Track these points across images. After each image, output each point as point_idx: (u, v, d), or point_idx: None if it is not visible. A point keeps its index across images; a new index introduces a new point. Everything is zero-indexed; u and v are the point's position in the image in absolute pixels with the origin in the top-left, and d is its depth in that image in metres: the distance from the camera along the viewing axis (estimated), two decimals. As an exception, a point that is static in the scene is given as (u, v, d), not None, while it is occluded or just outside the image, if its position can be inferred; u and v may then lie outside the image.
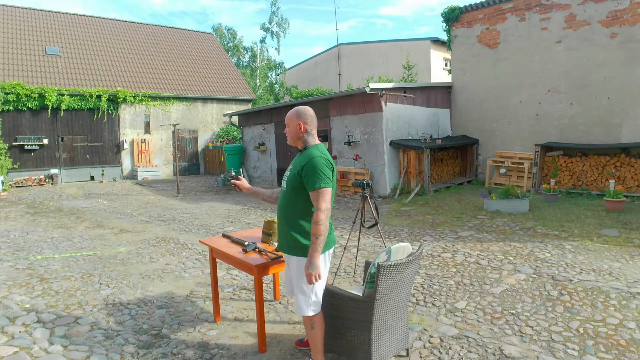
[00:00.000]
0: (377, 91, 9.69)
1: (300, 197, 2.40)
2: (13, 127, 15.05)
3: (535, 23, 10.51)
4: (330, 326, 2.64)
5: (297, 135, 2.48)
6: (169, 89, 18.65)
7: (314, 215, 2.28)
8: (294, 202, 2.43)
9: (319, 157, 2.35)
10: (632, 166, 8.70)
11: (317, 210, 2.27)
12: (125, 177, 17.39)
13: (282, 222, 2.50)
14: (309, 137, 2.51)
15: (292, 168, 2.47)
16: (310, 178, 2.30)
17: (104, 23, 20.67)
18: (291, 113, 2.50)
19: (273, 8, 31.62)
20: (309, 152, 2.42)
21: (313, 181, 2.29)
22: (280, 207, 2.53)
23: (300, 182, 2.36)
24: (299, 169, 2.37)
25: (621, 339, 2.97)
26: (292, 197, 2.42)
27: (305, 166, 2.33)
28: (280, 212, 2.52)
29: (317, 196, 2.29)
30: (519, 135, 11.01)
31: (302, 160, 2.39)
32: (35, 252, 5.88)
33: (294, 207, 2.43)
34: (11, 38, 16.87)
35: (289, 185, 2.45)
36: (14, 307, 3.82)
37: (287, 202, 2.46)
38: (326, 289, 2.58)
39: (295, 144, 2.54)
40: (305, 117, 2.49)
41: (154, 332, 3.30)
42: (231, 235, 3.36)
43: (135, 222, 8.04)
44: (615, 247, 5.21)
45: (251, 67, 31.78)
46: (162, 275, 4.72)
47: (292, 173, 2.44)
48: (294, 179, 2.40)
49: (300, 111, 2.50)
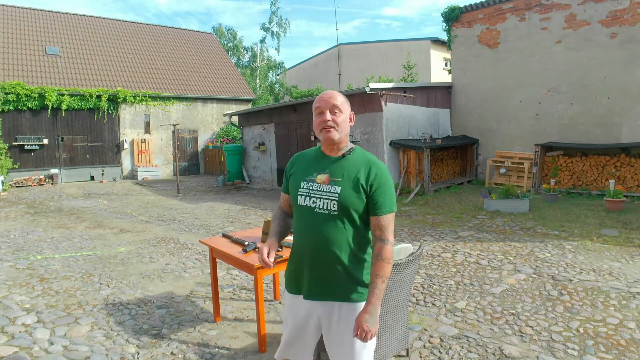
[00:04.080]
0: (377, 91, 9.69)
1: (359, 222, 1.71)
2: (13, 127, 15.05)
3: (535, 23, 10.51)
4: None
5: (347, 129, 1.78)
6: (169, 89, 18.65)
7: (381, 250, 1.66)
8: (350, 230, 1.69)
9: (384, 166, 1.74)
10: (632, 166, 8.70)
11: (386, 243, 1.67)
12: (125, 177, 17.39)
13: (327, 258, 1.70)
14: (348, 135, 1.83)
15: (344, 180, 1.70)
16: (383, 196, 1.68)
17: (104, 23, 20.67)
18: (341, 96, 1.77)
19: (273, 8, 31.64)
20: (366, 157, 1.76)
21: (387, 202, 1.68)
22: (320, 237, 1.70)
23: (363, 200, 1.68)
24: (364, 181, 1.68)
25: (621, 339, 2.97)
26: (349, 222, 1.69)
27: (377, 178, 1.68)
28: (324, 244, 1.69)
29: (388, 223, 1.69)
30: (519, 135, 11.01)
31: (361, 168, 1.71)
32: (35, 252, 5.88)
33: (352, 237, 1.70)
34: (11, 38, 16.87)
35: (344, 206, 1.67)
36: (14, 307, 3.82)
37: (338, 231, 1.68)
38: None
39: (336, 143, 1.75)
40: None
41: (154, 332, 3.30)
42: (231, 235, 3.36)
43: (135, 222, 8.04)
44: (615, 247, 5.21)
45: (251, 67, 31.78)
46: (162, 275, 4.72)
47: (349, 187, 1.68)
48: (355, 197, 1.67)
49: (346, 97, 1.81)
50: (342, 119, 1.73)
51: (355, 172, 1.70)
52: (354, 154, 1.76)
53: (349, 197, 1.67)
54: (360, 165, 1.72)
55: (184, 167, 18.72)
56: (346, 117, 1.75)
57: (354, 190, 1.68)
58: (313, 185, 1.73)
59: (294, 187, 1.79)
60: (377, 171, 1.69)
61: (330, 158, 1.77)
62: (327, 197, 1.69)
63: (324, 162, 1.77)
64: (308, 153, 1.89)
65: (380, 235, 1.68)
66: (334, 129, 1.71)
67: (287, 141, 12.87)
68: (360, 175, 1.69)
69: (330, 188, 1.69)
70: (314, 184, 1.73)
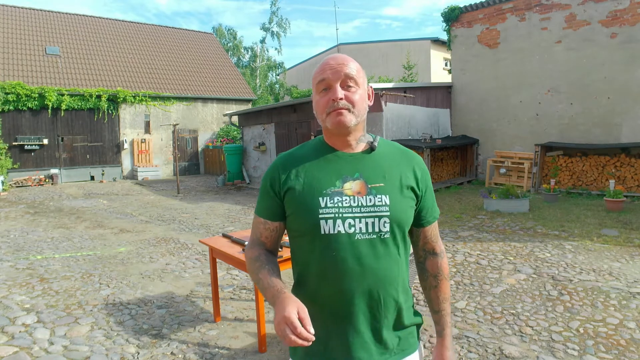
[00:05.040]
0: (377, 91, 9.69)
1: (405, 240, 1.22)
2: (13, 127, 15.06)
3: (535, 23, 10.51)
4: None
5: (365, 112, 1.20)
6: (169, 89, 18.65)
7: (441, 266, 1.28)
8: (403, 255, 1.20)
9: (422, 160, 1.29)
10: (632, 166, 8.70)
11: (442, 256, 1.28)
12: (125, 177, 17.40)
13: (385, 308, 1.16)
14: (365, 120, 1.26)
15: (389, 184, 1.16)
16: (432, 198, 1.27)
17: (104, 23, 20.67)
18: (354, 63, 1.19)
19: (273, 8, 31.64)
20: (397, 148, 1.27)
21: (434, 204, 1.28)
22: (370, 278, 1.13)
23: (414, 210, 1.21)
24: (413, 182, 1.20)
25: (621, 339, 2.97)
26: (402, 245, 1.19)
27: (424, 175, 1.24)
28: (378, 288, 1.14)
29: (436, 229, 1.30)
30: (519, 135, 11.01)
31: (402, 164, 1.21)
32: (35, 252, 5.88)
33: (404, 265, 1.21)
34: (11, 38, 16.88)
35: (399, 222, 1.15)
36: (14, 307, 3.82)
37: (393, 262, 1.16)
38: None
39: (352, 133, 1.19)
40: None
41: (154, 332, 3.30)
42: (231, 235, 3.36)
43: (135, 222, 8.04)
44: (615, 247, 5.21)
45: (251, 67, 31.78)
46: (162, 275, 4.72)
47: (397, 193, 1.16)
48: (408, 207, 1.18)
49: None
50: (360, 96, 1.15)
51: (397, 171, 1.18)
52: (380, 146, 1.22)
53: (403, 208, 1.15)
54: (399, 160, 1.21)
55: (184, 167, 18.73)
56: (364, 93, 1.18)
57: (405, 197, 1.17)
58: (342, 199, 1.13)
59: (306, 209, 1.14)
60: (421, 166, 1.24)
61: (351, 155, 1.19)
62: (372, 214, 1.12)
63: (345, 162, 1.17)
64: (302, 153, 1.25)
65: (433, 249, 1.27)
66: (349, 110, 1.13)
67: (287, 141, 12.87)
68: (406, 174, 1.19)
69: (373, 200, 1.13)
70: (344, 198, 1.13)
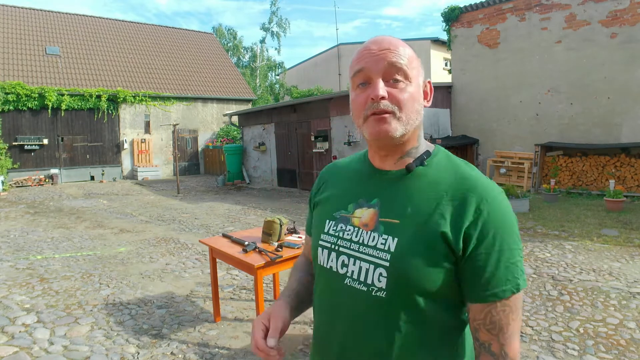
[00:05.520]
0: (377, 91, 9.68)
1: (436, 314, 0.82)
2: (13, 127, 15.06)
3: (535, 23, 10.51)
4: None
5: (419, 115, 0.88)
6: (169, 89, 18.66)
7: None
8: (415, 331, 0.82)
9: (499, 191, 0.84)
10: (632, 166, 8.70)
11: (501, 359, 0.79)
12: (125, 177, 17.40)
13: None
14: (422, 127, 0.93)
15: (407, 222, 0.82)
16: (497, 260, 0.78)
17: (104, 23, 20.68)
18: (405, 47, 0.86)
19: (273, 8, 31.65)
20: (456, 170, 0.86)
21: (504, 271, 0.79)
22: (356, 339, 0.86)
23: (445, 269, 0.80)
24: (449, 226, 0.79)
25: (621, 339, 2.97)
26: (412, 316, 0.81)
27: (483, 219, 0.79)
28: (362, 354, 0.85)
29: (508, 316, 0.79)
30: (519, 135, 11.01)
31: (445, 196, 0.82)
32: (35, 252, 5.88)
33: (420, 345, 0.82)
34: (11, 38, 16.88)
35: (402, 282, 0.80)
36: (14, 307, 3.82)
37: (390, 333, 0.82)
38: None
39: (398, 145, 0.88)
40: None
41: (154, 332, 3.30)
42: (231, 235, 3.36)
43: (135, 222, 8.04)
44: (615, 247, 5.21)
45: (251, 67, 31.79)
46: (162, 275, 4.72)
47: (414, 238, 0.81)
48: (426, 263, 0.79)
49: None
50: (410, 95, 0.84)
51: (431, 206, 0.81)
52: (433, 165, 0.87)
53: (417, 262, 0.79)
54: (444, 190, 0.82)
55: (184, 167, 18.73)
56: (417, 91, 0.86)
57: (427, 248, 0.79)
58: (346, 229, 0.89)
59: (314, 229, 0.98)
60: (487, 208, 0.78)
61: (383, 174, 0.90)
62: (369, 257, 0.84)
63: (370, 182, 0.92)
64: (345, 164, 1.04)
65: (489, 342, 0.79)
66: (394, 114, 0.83)
67: (287, 141, 12.87)
68: (443, 214, 0.80)
69: (376, 239, 0.84)
70: (348, 227, 0.89)
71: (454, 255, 0.79)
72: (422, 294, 0.80)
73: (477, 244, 0.78)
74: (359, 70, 0.86)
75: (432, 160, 0.89)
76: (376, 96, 0.82)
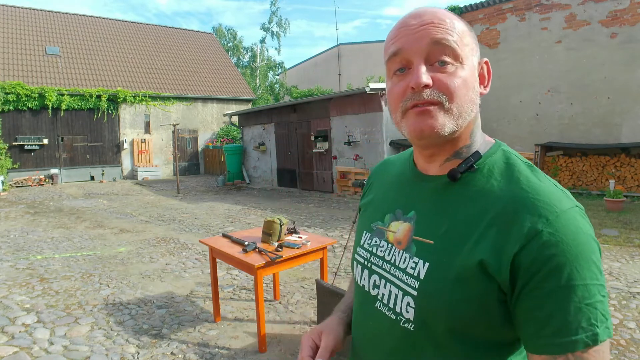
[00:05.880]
0: (377, 91, 9.69)
1: (477, 358, 0.65)
2: (13, 127, 15.06)
3: (535, 23, 10.51)
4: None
5: (475, 104, 0.70)
6: (169, 89, 18.66)
7: None
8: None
9: (570, 206, 0.63)
10: (632, 166, 8.70)
11: None
12: (125, 177, 17.40)
13: None
14: (478, 120, 0.74)
15: (442, 244, 0.67)
16: (566, 301, 0.57)
17: (104, 23, 20.68)
18: (455, 19, 0.69)
19: (273, 8, 31.66)
20: (515, 180, 0.66)
21: (576, 316, 0.57)
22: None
23: (493, 308, 0.62)
24: (492, 260, 0.61)
25: (621, 339, 2.97)
26: (446, 354, 0.66)
27: (544, 249, 0.58)
28: None
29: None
30: (519, 135, 11.01)
31: (491, 210, 0.64)
32: (35, 252, 5.88)
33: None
34: (11, 38, 16.88)
35: (431, 317, 0.66)
36: (14, 307, 3.82)
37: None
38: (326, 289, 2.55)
39: (446, 144, 0.71)
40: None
41: (154, 332, 3.30)
42: (231, 235, 3.36)
43: (135, 222, 8.04)
44: (615, 247, 5.21)
45: (251, 67, 31.80)
46: (162, 275, 4.72)
47: (450, 265, 0.64)
48: (461, 299, 0.63)
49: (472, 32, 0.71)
50: (462, 80, 0.67)
51: (473, 222, 0.65)
52: (485, 170, 0.70)
53: (444, 294, 0.65)
54: (491, 202, 0.65)
55: (184, 167, 18.73)
56: (471, 74, 0.69)
57: (460, 279, 0.64)
58: (380, 244, 0.78)
59: (356, 238, 0.88)
60: (541, 222, 0.60)
61: (425, 181, 0.76)
62: (398, 281, 0.72)
63: (410, 189, 0.78)
64: (393, 161, 0.91)
65: None
66: (441, 106, 0.66)
67: (287, 141, 12.87)
68: (485, 232, 0.64)
69: (407, 261, 0.71)
70: (382, 243, 0.78)
71: (501, 291, 0.61)
72: (454, 332, 0.65)
73: (532, 276, 0.59)
74: (395, 52, 0.69)
75: (484, 163, 0.70)
76: (417, 84, 0.65)
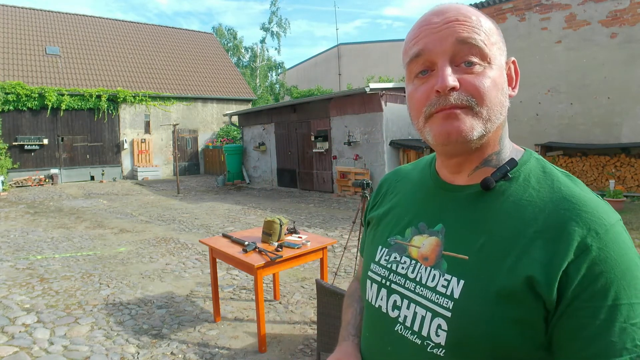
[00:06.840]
0: (377, 91, 9.69)
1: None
2: (13, 127, 15.06)
3: (535, 23, 10.51)
4: (329, 326, 2.64)
5: (503, 103, 0.65)
6: (169, 89, 18.66)
7: None
8: None
9: (616, 220, 0.63)
10: (632, 166, 8.70)
11: None
12: (125, 177, 17.40)
13: None
14: (506, 125, 0.70)
15: (479, 260, 0.61)
16: (613, 320, 0.54)
17: (104, 23, 20.68)
18: (480, 16, 0.70)
19: (273, 8, 31.66)
20: (555, 190, 0.62)
21: (622, 338, 0.53)
22: None
23: (521, 332, 0.57)
24: (542, 277, 0.56)
25: None
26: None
27: (593, 265, 0.55)
28: None
29: None
30: (519, 135, 11.00)
31: (534, 224, 0.60)
32: (35, 252, 5.88)
33: None
34: (11, 38, 16.88)
35: (468, 342, 0.60)
36: (14, 307, 3.82)
37: None
38: (326, 289, 2.57)
39: (474, 152, 0.67)
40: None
41: (154, 332, 3.30)
42: (231, 235, 3.36)
43: (135, 222, 8.04)
44: (615, 247, 5.20)
45: (251, 67, 31.80)
46: (162, 275, 4.72)
47: (488, 285, 0.59)
48: (502, 321, 0.58)
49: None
50: (491, 81, 0.63)
51: (515, 235, 0.61)
52: (520, 180, 0.66)
53: (485, 314, 0.59)
54: (533, 214, 0.61)
55: (184, 167, 18.73)
56: (499, 75, 0.65)
57: (504, 296, 0.58)
58: (400, 260, 0.73)
59: (367, 254, 0.83)
60: (591, 237, 0.58)
61: (452, 191, 0.71)
62: (426, 301, 0.66)
63: (435, 202, 0.73)
64: (408, 170, 0.85)
65: None
66: (470, 109, 0.62)
67: (287, 141, 12.87)
68: (530, 246, 0.59)
69: (438, 278, 0.66)
70: (403, 259, 0.72)
71: (545, 308, 0.57)
72: (493, 357, 0.59)
73: (579, 294, 0.55)
74: (416, 53, 0.64)
75: (519, 171, 0.66)
76: (443, 87, 0.60)
